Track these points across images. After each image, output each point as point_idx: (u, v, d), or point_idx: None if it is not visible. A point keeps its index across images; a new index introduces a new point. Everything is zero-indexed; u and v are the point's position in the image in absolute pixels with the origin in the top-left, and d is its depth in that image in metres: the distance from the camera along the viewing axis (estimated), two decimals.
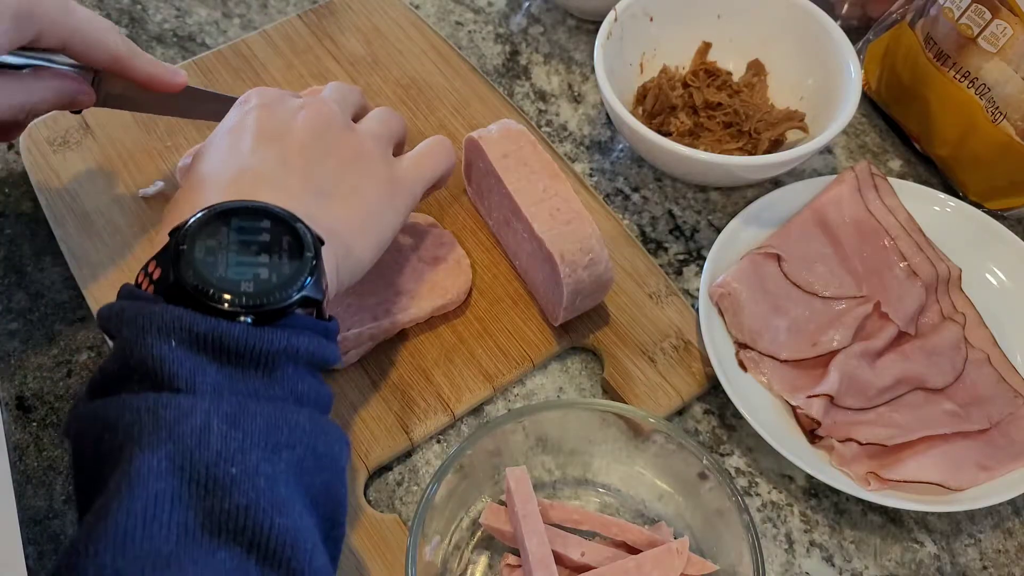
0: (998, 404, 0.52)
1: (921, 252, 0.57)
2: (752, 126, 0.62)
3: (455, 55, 0.69)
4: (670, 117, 0.63)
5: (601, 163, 0.66)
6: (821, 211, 0.58)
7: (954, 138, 0.62)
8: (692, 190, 0.64)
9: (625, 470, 0.49)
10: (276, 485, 0.33)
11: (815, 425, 0.50)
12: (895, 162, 0.68)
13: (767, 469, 0.52)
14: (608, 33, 0.61)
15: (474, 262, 0.56)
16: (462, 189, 0.61)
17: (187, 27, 0.73)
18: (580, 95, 0.70)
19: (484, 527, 0.46)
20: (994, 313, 0.56)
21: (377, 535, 0.47)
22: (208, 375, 0.34)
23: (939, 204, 0.60)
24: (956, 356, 0.54)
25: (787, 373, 0.53)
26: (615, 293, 0.56)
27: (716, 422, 0.54)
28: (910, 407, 0.52)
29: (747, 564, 0.42)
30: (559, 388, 0.55)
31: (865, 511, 0.51)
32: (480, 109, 0.65)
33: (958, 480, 0.49)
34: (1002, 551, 0.50)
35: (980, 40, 0.58)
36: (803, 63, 0.64)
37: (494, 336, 0.54)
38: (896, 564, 0.49)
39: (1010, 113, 0.58)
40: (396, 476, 0.51)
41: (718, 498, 0.44)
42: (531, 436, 0.47)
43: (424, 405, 0.52)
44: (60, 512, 0.49)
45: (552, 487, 0.50)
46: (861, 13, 0.73)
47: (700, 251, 0.61)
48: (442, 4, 0.76)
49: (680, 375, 0.53)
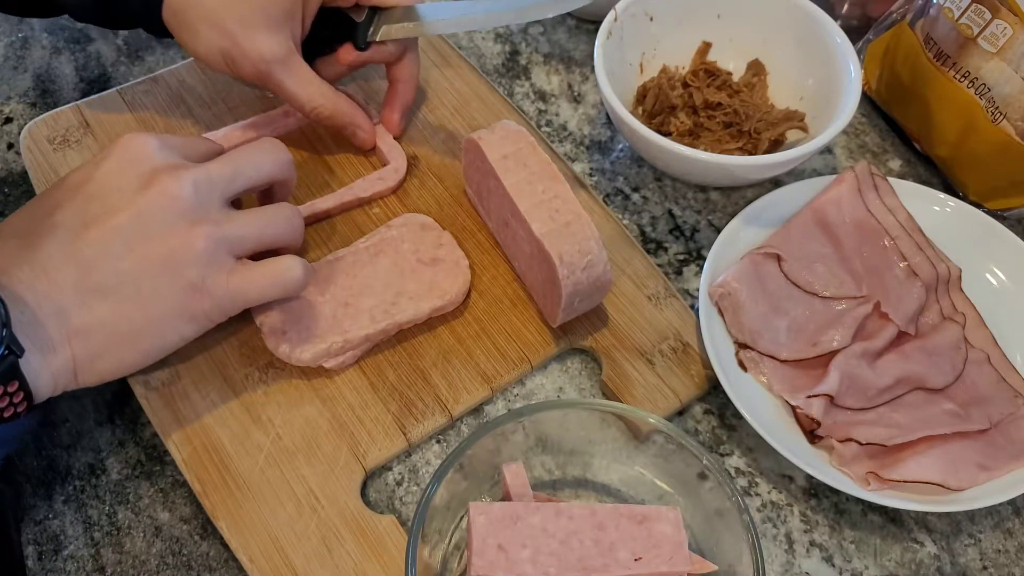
0: (998, 404, 0.52)
1: (921, 252, 0.57)
2: (752, 126, 0.62)
3: (455, 55, 0.69)
4: (670, 117, 0.63)
5: (601, 163, 0.66)
6: (821, 211, 0.58)
7: (954, 138, 0.62)
8: (692, 190, 0.64)
9: (625, 470, 0.49)
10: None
11: (815, 425, 0.50)
12: (895, 162, 0.68)
13: (767, 469, 0.52)
14: (608, 33, 0.61)
15: (473, 263, 0.56)
16: (461, 190, 0.61)
17: None
18: (580, 95, 0.70)
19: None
20: (994, 313, 0.56)
21: (374, 537, 0.47)
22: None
23: (939, 204, 0.60)
24: (956, 356, 0.54)
25: (787, 373, 0.53)
26: (614, 295, 0.56)
27: (716, 422, 0.54)
28: (910, 407, 0.52)
29: (747, 564, 0.42)
30: (559, 388, 0.55)
31: (865, 511, 0.51)
32: (480, 109, 0.65)
33: (958, 480, 0.49)
34: (1002, 551, 0.50)
35: (980, 40, 0.58)
36: (803, 63, 0.64)
37: (492, 337, 0.54)
38: (896, 564, 0.49)
39: (1010, 113, 0.58)
40: (396, 476, 0.51)
41: (718, 498, 0.44)
42: (531, 436, 0.47)
43: (422, 406, 0.52)
44: (60, 512, 0.49)
45: (552, 487, 0.50)
46: (861, 13, 0.73)
47: (700, 251, 0.61)
48: None
49: (678, 377, 0.53)
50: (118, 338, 0.43)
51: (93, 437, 0.52)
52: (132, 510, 0.49)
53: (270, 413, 0.51)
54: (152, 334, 0.44)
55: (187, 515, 0.49)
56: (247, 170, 0.48)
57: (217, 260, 0.44)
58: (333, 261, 0.54)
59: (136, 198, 0.43)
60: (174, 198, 0.43)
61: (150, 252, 0.43)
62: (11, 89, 0.69)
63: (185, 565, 0.48)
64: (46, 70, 0.70)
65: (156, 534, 0.49)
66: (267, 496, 0.48)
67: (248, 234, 0.46)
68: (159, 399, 0.51)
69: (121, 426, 0.52)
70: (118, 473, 0.51)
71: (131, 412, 0.52)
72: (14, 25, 0.73)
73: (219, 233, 0.44)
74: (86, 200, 0.43)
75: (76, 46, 0.72)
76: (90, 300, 0.41)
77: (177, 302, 0.44)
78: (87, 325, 0.41)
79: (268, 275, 0.46)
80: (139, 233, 0.43)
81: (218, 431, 0.50)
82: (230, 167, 0.47)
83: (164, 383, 0.51)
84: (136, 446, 0.51)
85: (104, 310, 0.42)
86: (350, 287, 0.53)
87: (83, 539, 0.48)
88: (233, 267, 0.45)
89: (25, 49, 0.71)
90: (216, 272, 0.44)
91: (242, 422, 0.50)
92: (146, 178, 0.44)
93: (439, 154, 0.63)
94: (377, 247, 0.55)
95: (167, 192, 0.43)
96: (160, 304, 0.43)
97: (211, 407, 0.51)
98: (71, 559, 0.48)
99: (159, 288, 0.43)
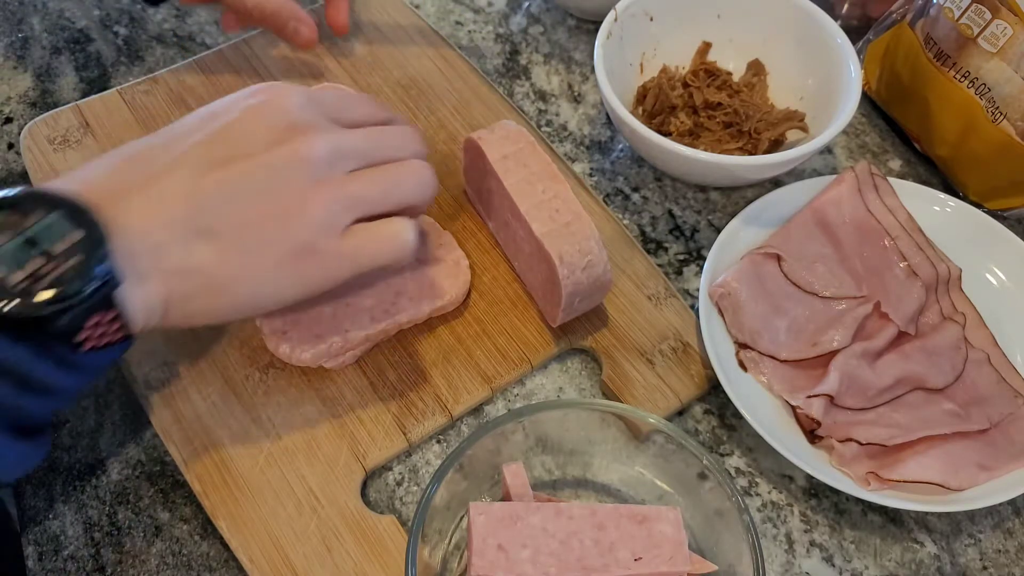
0: (998, 404, 0.52)
1: (921, 252, 0.57)
2: (752, 126, 0.62)
3: (455, 55, 0.69)
4: (670, 117, 0.63)
5: (601, 163, 0.66)
6: (821, 211, 0.58)
7: (954, 138, 0.62)
8: (692, 190, 0.64)
9: (625, 470, 0.49)
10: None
11: (815, 425, 0.50)
12: (895, 162, 0.68)
13: (767, 469, 0.52)
14: (608, 33, 0.61)
15: (473, 263, 0.56)
16: (462, 190, 0.61)
17: (187, 27, 0.73)
18: (580, 95, 0.70)
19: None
20: (994, 313, 0.56)
21: (374, 537, 0.47)
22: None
23: (939, 204, 0.60)
24: (956, 356, 0.54)
25: (787, 373, 0.53)
26: (614, 295, 0.56)
27: (716, 422, 0.54)
28: (910, 407, 0.52)
29: (747, 564, 0.42)
30: (559, 388, 0.55)
31: (865, 511, 0.51)
32: (480, 109, 0.65)
33: (958, 480, 0.49)
34: (1002, 551, 0.50)
35: (980, 40, 0.58)
36: (803, 63, 0.64)
37: (492, 337, 0.54)
38: (896, 564, 0.49)
39: (1010, 113, 0.58)
40: (396, 476, 0.51)
41: (718, 498, 0.44)
42: (531, 436, 0.47)
43: (422, 406, 0.52)
44: (60, 512, 0.49)
45: (552, 487, 0.50)
46: (861, 13, 0.73)
47: (700, 251, 0.61)
48: (442, 4, 0.76)
49: (678, 377, 0.53)
50: (214, 285, 0.41)
51: (93, 438, 0.52)
52: (132, 510, 0.49)
53: (270, 413, 0.51)
54: (249, 288, 0.42)
55: (187, 515, 0.49)
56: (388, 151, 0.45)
57: (333, 225, 0.42)
58: None
59: (265, 151, 0.41)
60: (303, 159, 0.42)
61: (265, 206, 0.41)
62: (11, 89, 0.69)
63: (185, 565, 0.48)
64: (46, 70, 0.70)
65: (156, 534, 0.49)
66: (267, 496, 0.48)
67: (372, 196, 0.44)
68: (159, 399, 0.51)
69: (121, 426, 0.52)
70: (118, 473, 0.51)
71: (131, 412, 0.52)
72: (14, 25, 0.73)
73: (341, 195, 0.42)
74: (214, 140, 0.41)
75: (76, 46, 0.72)
76: (195, 241, 0.40)
77: (282, 261, 0.42)
78: (187, 265, 0.40)
79: (379, 239, 0.44)
80: (259, 186, 0.41)
81: (218, 431, 0.50)
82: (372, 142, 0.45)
83: (164, 383, 0.51)
84: (136, 446, 0.51)
85: (207, 253, 0.40)
86: (350, 287, 0.53)
87: (83, 539, 0.48)
88: (348, 230, 0.43)
89: (25, 49, 0.71)
90: (328, 236, 0.42)
91: (242, 422, 0.50)
92: (280, 133, 0.42)
93: (439, 154, 0.63)
94: None
95: (298, 153, 0.41)
96: (264, 259, 0.41)
97: (211, 407, 0.51)
98: (71, 559, 0.48)
99: (267, 243, 0.41)
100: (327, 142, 0.42)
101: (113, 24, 0.73)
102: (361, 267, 0.44)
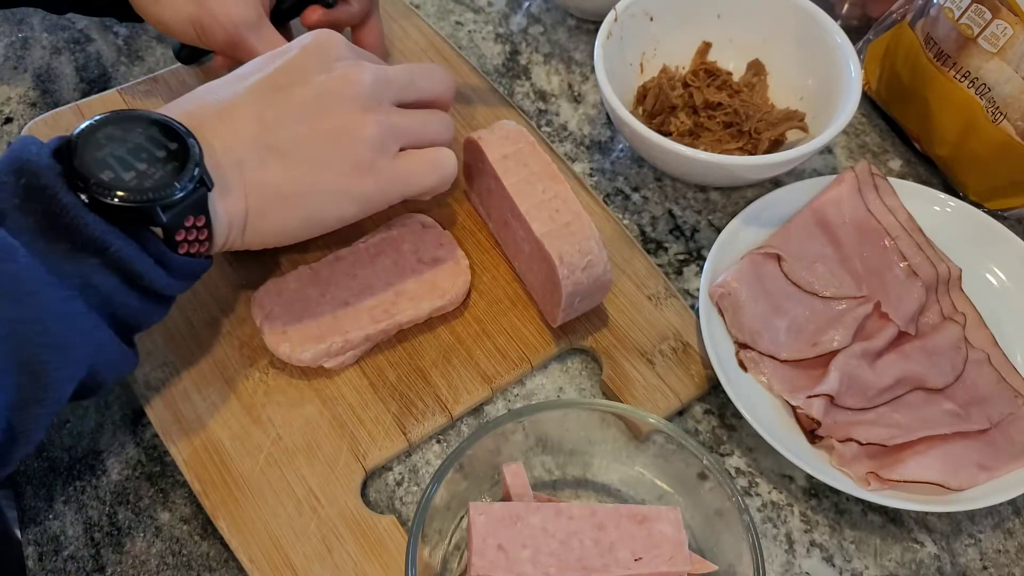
0: (998, 404, 0.52)
1: (921, 252, 0.57)
2: (752, 126, 0.62)
3: (455, 55, 0.69)
4: (670, 117, 0.63)
5: (601, 163, 0.66)
6: (821, 211, 0.58)
7: (954, 138, 0.62)
8: (692, 190, 0.64)
9: (625, 470, 0.49)
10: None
11: (815, 425, 0.50)
12: (895, 162, 0.68)
13: (767, 469, 0.52)
14: (608, 33, 0.61)
15: (473, 263, 0.56)
16: (462, 190, 0.61)
17: None
18: (580, 95, 0.70)
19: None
20: (994, 313, 0.56)
21: (374, 537, 0.47)
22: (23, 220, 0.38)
23: (939, 204, 0.60)
24: (956, 356, 0.54)
25: (787, 373, 0.53)
26: (614, 295, 0.56)
27: (716, 422, 0.54)
28: (910, 407, 0.52)
29: (747, 564, 0.42)
30: (559, 388, 0.55)
31: (865, 511, 0.51)
32: (480, 109, 0.65)
33: (958, 480, 0.49)
34: (1002, 551, 0.50)
35: (980, 40, 0.58)
36: (803, 63, 0.64)
37: (492, 337, 0.54)
38: (896, 564, 0.49)
39: (1010, 113, 0.58)
40: (396, 476, 0.51)
41: (718, 498, 0.44)
42: (531, 436, 0.47)
43: (422, 406, 0.52)
44: (60, 512, 0.49)
45: (552, 487, 0.50)
46: (861, 13, 0.73)
47: (700, 251, 0.61)
48: (442, 4, 0.76)
49: (678, 377, 0.53)
50: (285, 198, 0.46)
51: (94, 438, 0.52)
52: (132, 510, 0.49)
53: (270, 413, 0.51)
54: (315, 202, 0.47)
55: (187, 515, 0.49)
56: (421, 82, 0.52)
57: (385, 145, 0.48)
58: (334, 261, 0.54)
59: (319, 77, 0.47)
60: (354, 82, 0.47)
61: (325, 125, 0.46)
62: (11, 89, 0.69)
63: (185, 565, 0.48)
64: (46, 70, 0.70)
65: (156, 534, 0.49)
66: (267, 496, 0.48)
67: (412, 127, 0.50)
68: (159, 400, 0.51)
69: (121, 427, 0.52)
70: (118, 474, 0.51)
71: (131, 413, 0.52)
72: (14, 25, 0.73)
73: (388, 122, 0.48)
74: (275, 73, 0.47)
75: (76, 46, 0.72)
76: (266, 156, 0.45)
77: (344, 176, 0.47)
78: (261, 180, 0.45)
79: (429, 163, 0.50)
80: (317, 107, 0.46)
81: (218, 431, 0.50)
82: (407, 75, 0.51)
83: (164, 383, 0.51)
84: (136, 446, 0.51)
85: (277, 168, 0.45)
86: (350, 287, 0.53)
87: (83, 539, 0.48)
88: (398, 154, 0.49)
89: (25, 49, 0.71)
90: (383, 155, 0.48)
91: (242, 422, 0.50)
92: (330, 64, 0.48)
93: None
94: (377, 247, 0.55)
95: (348, 77, 0.47)
96: (328, 173, 0.46)
97: (211, 407, 0.51)
98: (71, 559, 0.48)
99: (329, 158, 0.46)
100: (371, 68, 0.49)
101: (113, 24, 0.73)
102: (410, 189, 0.50)
